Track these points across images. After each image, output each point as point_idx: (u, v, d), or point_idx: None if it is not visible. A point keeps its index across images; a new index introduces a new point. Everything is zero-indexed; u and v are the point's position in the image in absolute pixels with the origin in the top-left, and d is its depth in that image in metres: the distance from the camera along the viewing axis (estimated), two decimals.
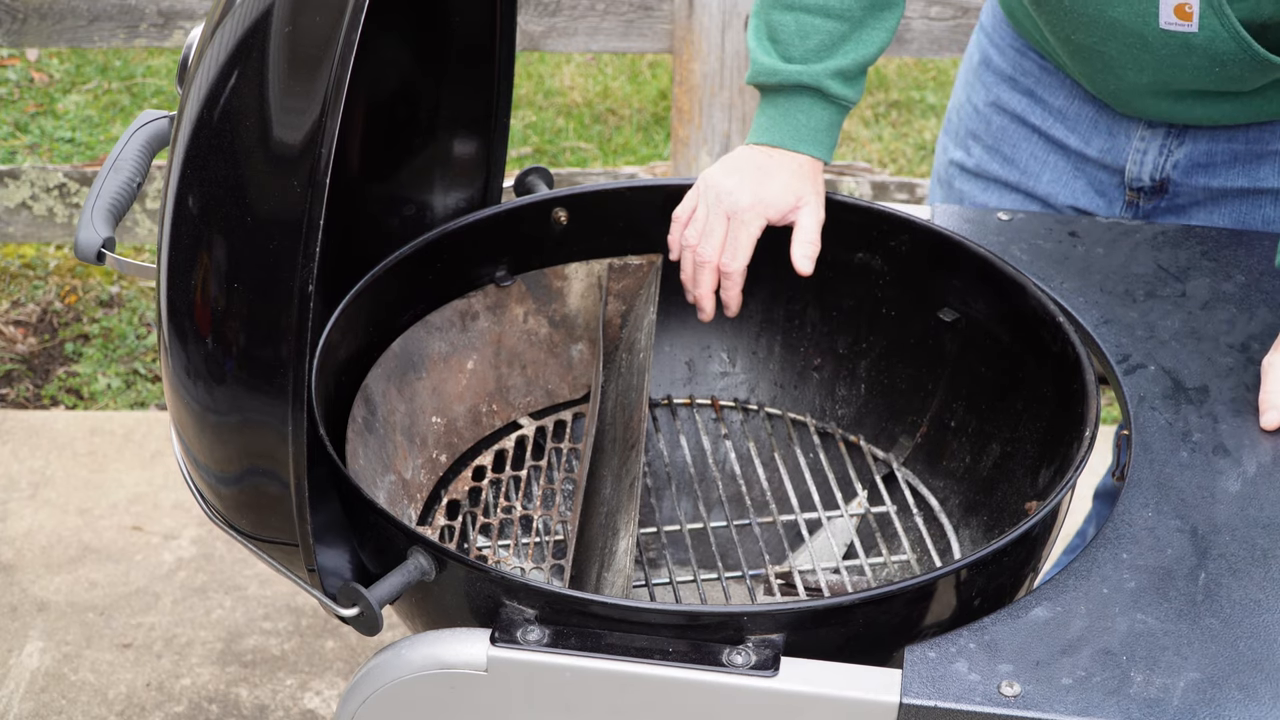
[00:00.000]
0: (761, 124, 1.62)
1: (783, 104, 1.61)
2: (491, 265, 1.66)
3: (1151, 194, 1.76)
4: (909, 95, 4.45)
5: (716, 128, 3.09)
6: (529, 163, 3.71)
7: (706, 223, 1.59)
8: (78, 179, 3.24)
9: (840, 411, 1.72)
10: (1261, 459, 1.39)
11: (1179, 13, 1.51)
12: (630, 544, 1.33)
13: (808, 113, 1.60)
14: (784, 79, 1.59)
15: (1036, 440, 1.51)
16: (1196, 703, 1.16)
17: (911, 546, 1.57)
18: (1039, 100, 1.79)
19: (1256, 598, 1.25)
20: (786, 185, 1.59)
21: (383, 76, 1.57)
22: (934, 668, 1.18)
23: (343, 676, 2.49)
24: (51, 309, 3.49)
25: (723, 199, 1.58)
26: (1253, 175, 1.71)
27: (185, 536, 2.77)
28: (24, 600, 2.62)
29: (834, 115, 1.61)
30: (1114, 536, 1.31)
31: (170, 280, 1.18)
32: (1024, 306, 1.53)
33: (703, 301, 1.61)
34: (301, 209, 1.10)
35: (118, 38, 3.09)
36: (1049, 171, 1.80)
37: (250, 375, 1.16)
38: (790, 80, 1.59)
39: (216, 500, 1.28)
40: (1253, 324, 1.56)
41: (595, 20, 3.06)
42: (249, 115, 1.13)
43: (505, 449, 1.67)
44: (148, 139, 1.50)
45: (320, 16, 1.11)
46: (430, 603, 1.30)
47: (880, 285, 1.67)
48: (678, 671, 1.18)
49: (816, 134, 1.61)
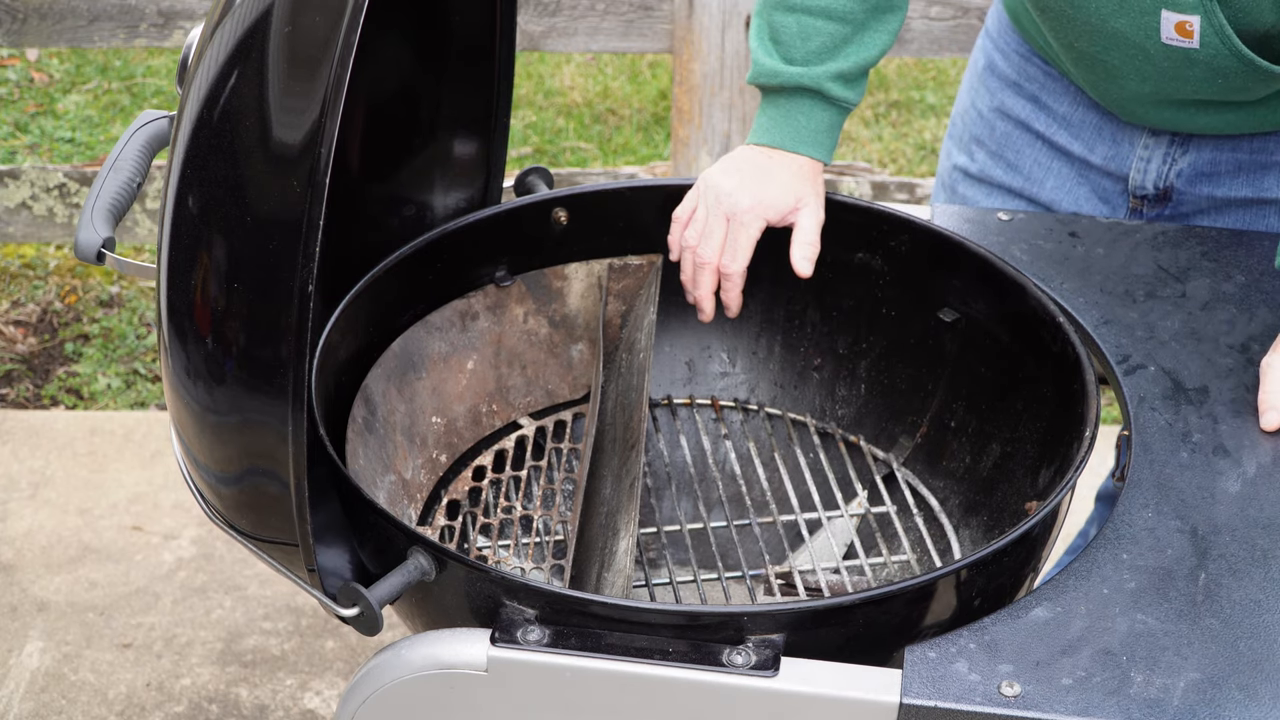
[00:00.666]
0: (762, 124, 1.62)
1: (783, 105, 1.61)
2: (491, 265, 1.66)
3: (1155, 202, 1.75)
4: (909, 95, 4.45)
5: (716, 128, 3.09)
6: (529, 163, 3.71)
7: (706, 224, 1.59)
8: (78, 179, 3.24)
9: (840, 412, 1.72)
10: (1261, 460, 1.39)
11: (1180, 30, 1.51)
12: (630, 544, 1.33)
13: (808, 114, 1.60)
14: (785, 80, 1.59)
15: (1036, 440, 1.51)
16: (1196, 703, 1.16)
17: (911, 547, 1.57)
18: (1043, 106, 1.79)
19: (1256, 598, 1.25)
20: (786, 186, 1.59)
21: (383, 76, 1.57)
22: (934, 668, 1.18)
23: (343, 676, 2.49)
24: (51, 309, 3.49)
25: (722, 200, 1.58)
26: (1257, 185, 1.71)
27: (185, 536, 2.77)
28: (24, 600, 2.62)
29: (834, 117, 1.61)
30: (1114, 537, 1.31)
31: (170, 280, 1.18)
32: (1024, 307, 1.53)
33: (703, 303, 1.61)
34: (301, 209, 1.10)
35: (118, 38, 3.09)
36: (1052, 178, 1.80)
37: (250, 375, 1.16)
38: (791, 82, 1.59)
39: (216, 500, 1.28)
40: (1253, 325, 1.56)
41: (595, 20, 3.06)
42: (249, 115, 1.13)
43: (505, 449, 1.67)
44: (148, 139, 1.50)
45: (320, 16, 1.11)
46: (430, 603, 1.30)
47: (880, 285, 1.67)
48: (678, 671, 1.18)
49: (817, 135, 1.61)
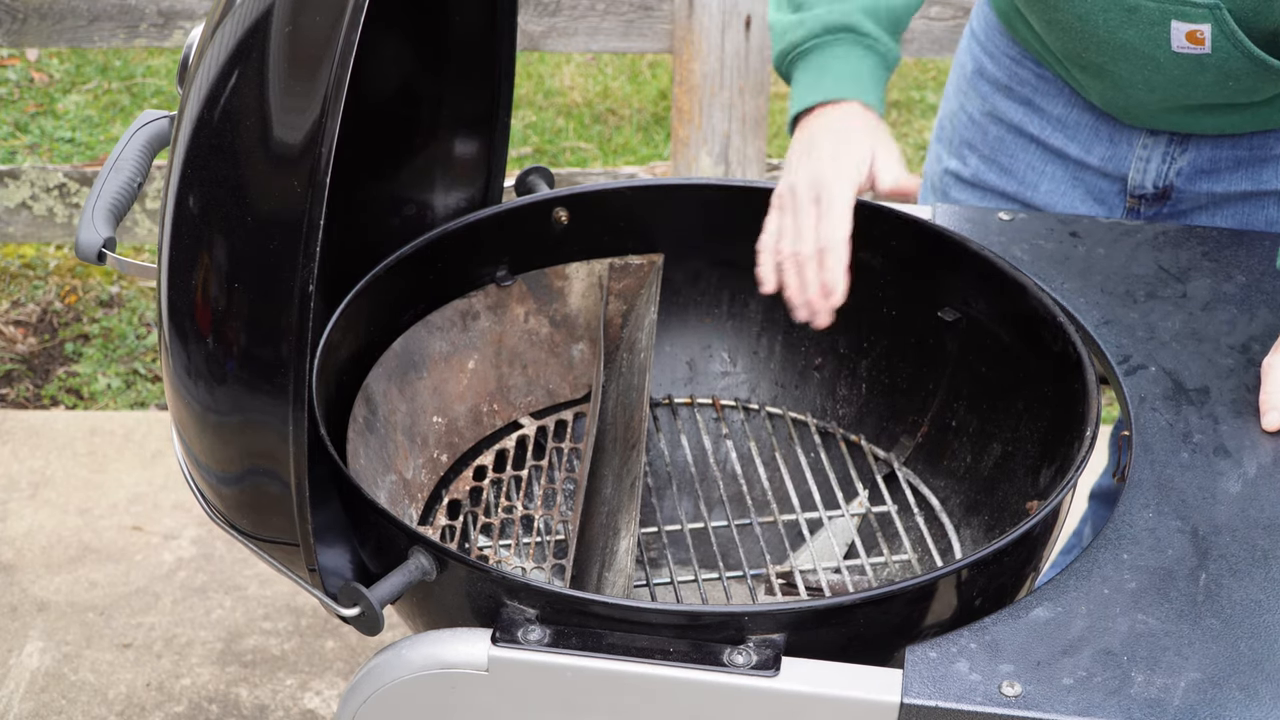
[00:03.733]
0: (802, 88, 1.52)
1: (816, 59, 1.52)
2: (492, 265, 1.66)
3: (1154, 201, 1.75)
4: (909, 95, 4.45)
5: (716, 128, 3.09)
6: (529, 163, 3.71)
7: (796, 221, 1.47)
8: (78, 179, 3.24)
9: (841, 411, 1.72)
10: (1262, 460, 1.39)
11: (1190, 38, 1.50)
12: (631, 544, 1.33)
13: (844, 59, 1.51)
14: (813, 26, 1.51)
15: (1037, 440, 1.51)
16: (1197, 703, 1.16)
17: (912, 546, 1.57)
18: (1037, 109, 1.78)
19: (1257, 598, 1.25)
20: (854, 142, 1.48)
21: (383, 76, 1.57)
22: (935, 668, 1.18)
23: (343, 676, 2.49)
24: (51, 309, 3.49)
25: (798, 191, 1.47)
26: (1256, 178, 1.70)
27: (185, 536, 2.77)
28: (24, 600, 2.62)
29: (874, 61, 1.52)
30: (1115, 537, 1.31)
31: (170, 280, 1.18)
32: (1025, 306, 1.53)
33: (815, 303, 1.46)
34: (301, 209, 1.10)
35: (118, 38, 3.09)
36: (1047, 181, 1.79)
37: (251, 375, 1.16)
38: (819, 25, 1.51)
39: (217, 500, 1.28)
40: (1253, 325, 1.56)
41: (595, 20, 3.06)
42: (249, 115, 1.13)
43: (506, 449, 1.67)
44: (148, 139, 1.50)
45: (320, 16, 1.11)
46: (431, 603, 1.30)
47: (881, 285, 1.67)
48: (678, 671, 1.18)
49: (859, 79, 1.51)
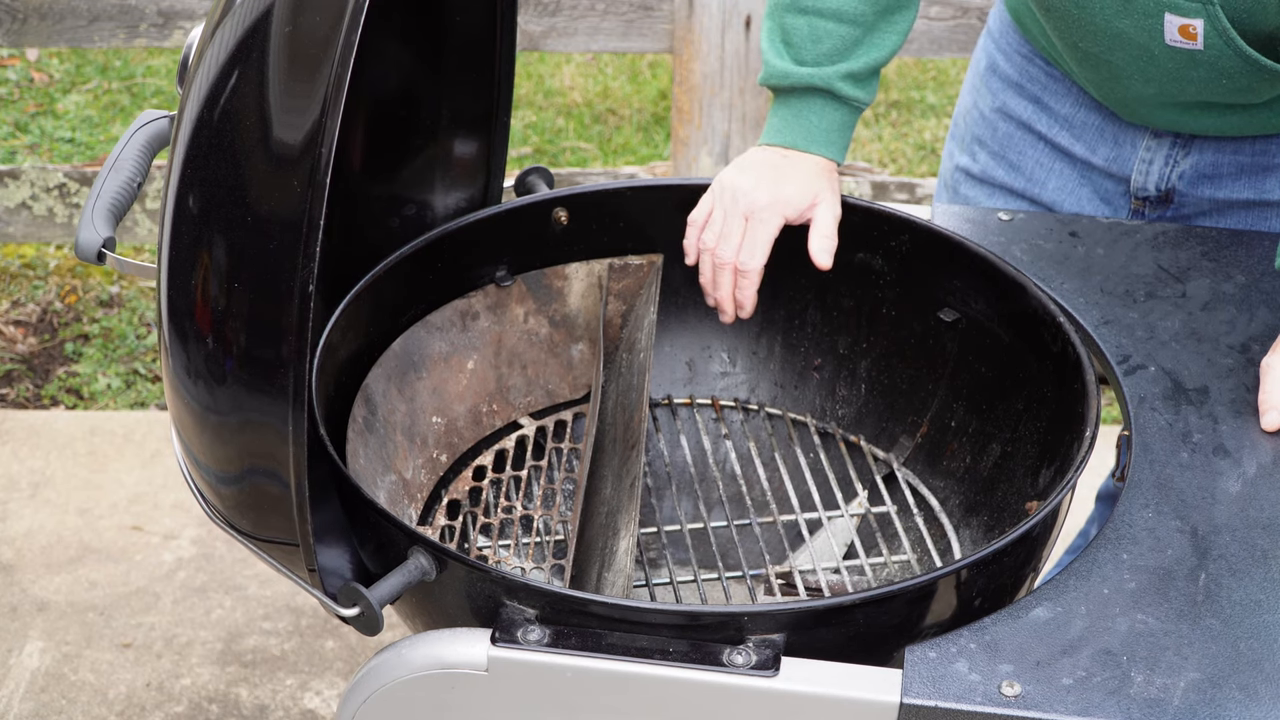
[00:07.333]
0: (774, 125, 1.63)
1: (795, 105, 1.61)
2: (492, 265, 1.66)
3: (1157, 204, 1.75)
4: (909, 95, 4.45)
5: (716, 128, 3.09)
6: (529, 163, 3.71)
7: (724, 224, 1.59)
8: (78, 179, 3.24)
9: (841, 411, 1.72)
10: (1261, 460, 1.39)
11: (1183, 32, 1.51)
12: (631, 544, 1.33)
13: (819, 114, 1.61)
14: (796, 81, 1.60)
15: (1037, 440, 1.51)
16: (1197, 703, 1.16)
17: (912, 546, 1.57)
18: (1045, 107, 1.79)
19: (1257, 598, 1.25)
20: (803, 184, 1.59)
21: (383, 76, 1.57)
22: (934, 668, 1.18)
23: (343, 676, 2.49)
24: (51, 309, 3.49)
25: (740, 199, 1.58)
26: (1259, 188, 1.71)
27: (185, 536, 2.77)
28: (24, 600, 2.62)
29: (846, 116, 1.62)
30: (1114, 537, 1.31)
31: (170, 280, 1.18)
32: (1024, 307, 1.53)
33: (724, 304, 1.61)
34: (301, 209, 1.10)
35: (118, 38, 3.09)
36: (1054, 179, 1.80)
37: (251, 375, 1.16)
38: (802, 83, 1.60)
39: (217, 500, 1.28)
40: (1253, 325, 1.56)
41: (595, 20, 3.06)
42: (249, 115, 1.13)
43: (506, 449, 1.67)
44: (148, 139, 1.50)
45: (320, 16, 1.11)
46: (431, 603, 1.30)
47: (880, 285, 1.67)
48: (678, 671, 1.18)
49: (829, 135, 1.62)
